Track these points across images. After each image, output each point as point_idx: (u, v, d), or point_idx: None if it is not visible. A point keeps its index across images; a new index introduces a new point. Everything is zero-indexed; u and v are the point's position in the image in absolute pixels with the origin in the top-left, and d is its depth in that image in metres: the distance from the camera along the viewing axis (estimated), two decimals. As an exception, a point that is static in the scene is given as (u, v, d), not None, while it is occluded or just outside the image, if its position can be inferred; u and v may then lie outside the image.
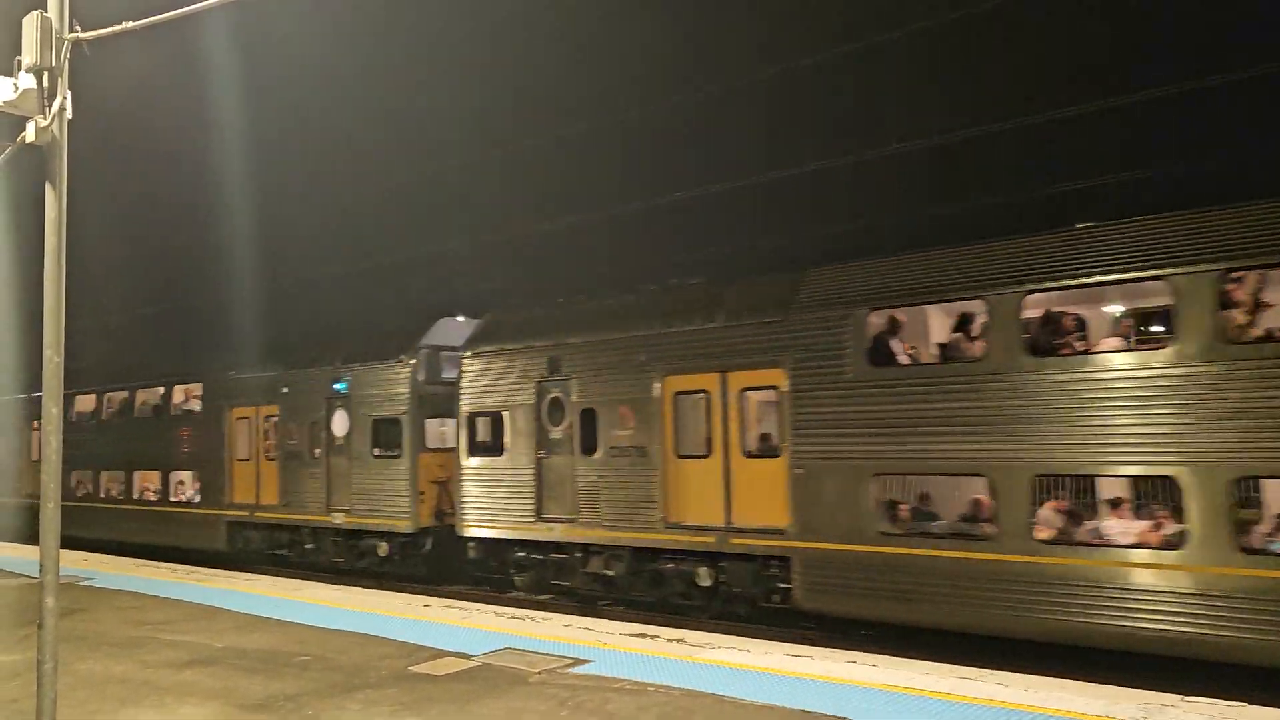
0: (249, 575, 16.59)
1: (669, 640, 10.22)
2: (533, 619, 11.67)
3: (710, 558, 13.07)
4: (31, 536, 22.07)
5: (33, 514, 22.61)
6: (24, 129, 7.13)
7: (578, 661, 9.33)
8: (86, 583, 15.87)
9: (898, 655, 9.73)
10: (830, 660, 9.20)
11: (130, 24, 7.16)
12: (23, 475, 27.36)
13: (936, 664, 9.05)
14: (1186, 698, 7.60)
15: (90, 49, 7.11)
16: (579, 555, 14.62)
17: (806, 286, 12.51)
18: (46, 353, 7.05)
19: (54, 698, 6.89)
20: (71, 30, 7.14)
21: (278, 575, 16.67)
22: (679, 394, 13.34)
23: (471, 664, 9.39)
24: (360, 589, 14.94)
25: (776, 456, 12.22)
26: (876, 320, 11.67)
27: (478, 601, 14.10)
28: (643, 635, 10.54)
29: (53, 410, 7.07)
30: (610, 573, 14.27)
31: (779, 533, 12.12)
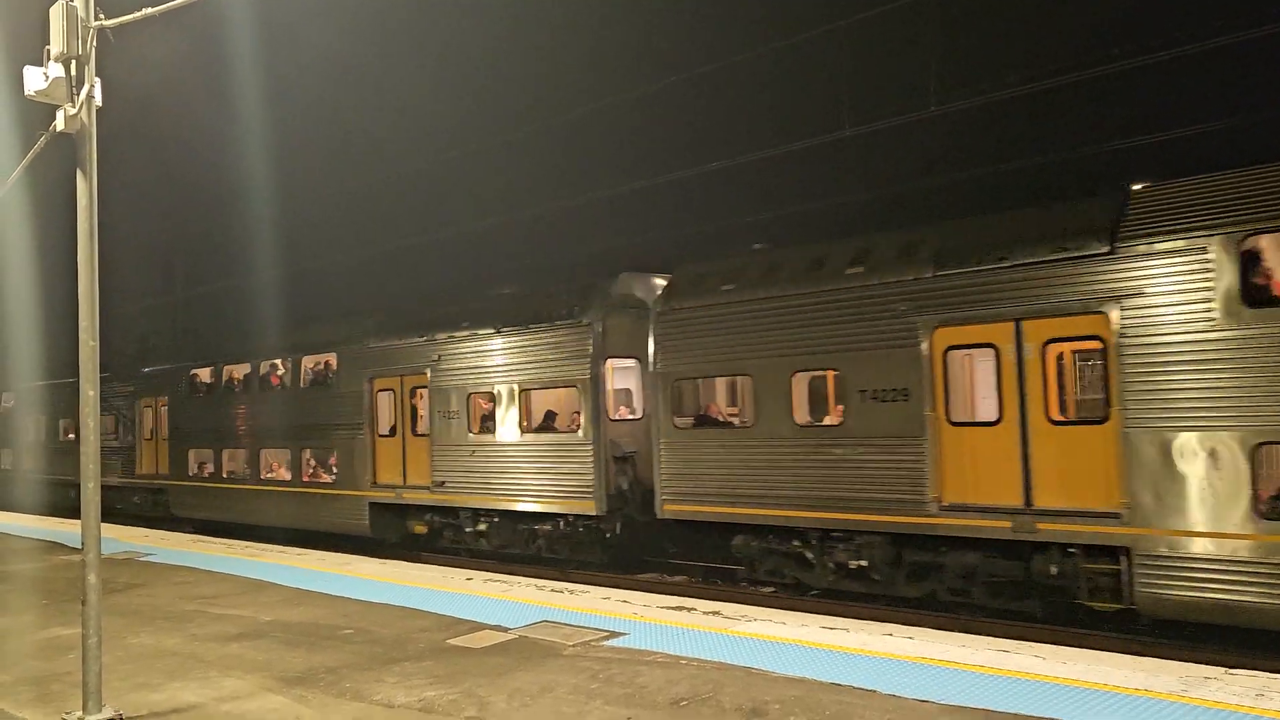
0: (300, 550, 16.97)
1: (705, 613, 10.23)
2: (571, 592, 11.76)
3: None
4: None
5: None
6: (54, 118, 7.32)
7: (613, 634, 9.38)
8: (146, 558, 16.36)
9: (936, 628, 9.63)
10: (865, 633, 9.13)
11: (152, 10, 7.26)
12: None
13: (973, 636, 8.95)
14: (1230, 670, 7.41)
15: (114, 36, 7.22)
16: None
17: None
18: (82, 337, 7.24)
19: (99, 671, 7.13)
20: (97, 18, 7.26)
21: (326, 550, 17.03)
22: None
23: (508, 637, 9.50)
24: (406, 563, 15.18)
25: None
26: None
27: (519, 575, 14.24)
28: (680, 608, 10.56)
29: (89, 393, 7.25)
30: None
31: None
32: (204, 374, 23.82)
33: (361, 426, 18.62)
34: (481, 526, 16.94)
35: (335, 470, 19.44)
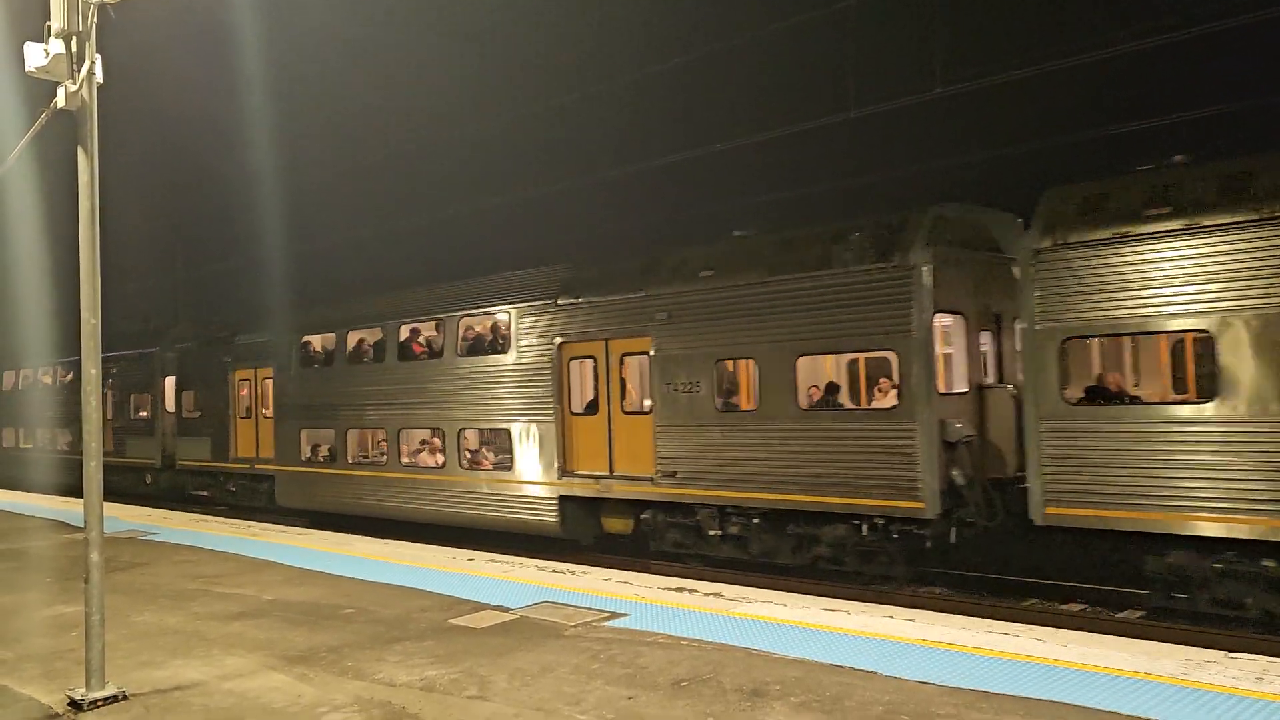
0: (301, 530, 17.02)
1: (706, 594, 10.26)
2: (573, 573, 11.79)
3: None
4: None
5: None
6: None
7: (614, 615, 9.41)
8: (149, 537, 16.40)
9: (936, 610, 9.65)
10: (867, 615, 9.15)
11: (153, -14, 7.21)
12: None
13: (973, 619, 8.96)
14: (1230, 654, 7.43)
15: (114, 12, 7.17)
16: None
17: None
18: (84, 315, 7.22)
19: (101, 648, 7.16)
20: (97, -6, 7.21)
21: (328, 530, 17.06)
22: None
23: (509, 617, 9.53)
24: (407, 543, 15.20)
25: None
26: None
27: (522, 557, 14.27)
28: (680, 589, 10.58)
29: (91, 371, 7.24)
30: None
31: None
32: (319, 342, 20.71)
33: (547, 402, 15.73)
34: (732, 529, 13.77)
35: (508, 455, 16.60)
